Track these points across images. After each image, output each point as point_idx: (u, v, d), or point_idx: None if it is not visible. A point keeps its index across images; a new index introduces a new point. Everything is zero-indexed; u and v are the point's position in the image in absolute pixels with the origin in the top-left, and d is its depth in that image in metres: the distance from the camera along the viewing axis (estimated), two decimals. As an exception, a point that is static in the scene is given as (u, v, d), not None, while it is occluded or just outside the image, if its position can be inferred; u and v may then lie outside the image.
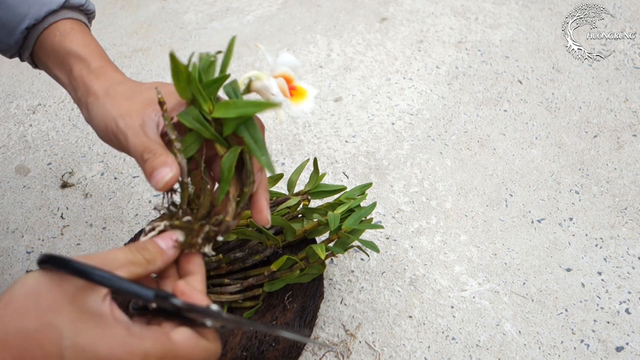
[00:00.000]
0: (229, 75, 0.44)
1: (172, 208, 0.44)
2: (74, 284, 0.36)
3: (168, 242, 0.42)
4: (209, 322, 0.40)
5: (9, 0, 0.55)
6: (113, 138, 0.49)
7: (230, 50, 0.45)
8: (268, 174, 0.64)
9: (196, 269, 0.43)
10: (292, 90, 0.47)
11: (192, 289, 0.41)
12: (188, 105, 0.45)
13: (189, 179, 0.45)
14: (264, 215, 0.47)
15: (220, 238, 0.44)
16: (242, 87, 0.46)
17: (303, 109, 0.46)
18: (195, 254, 0.44)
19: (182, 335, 0.38)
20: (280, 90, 0.45)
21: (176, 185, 0.45)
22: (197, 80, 0.43)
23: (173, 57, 0.42)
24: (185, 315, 0.39)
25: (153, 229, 0.43)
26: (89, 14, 0.61)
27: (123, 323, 0.37)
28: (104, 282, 0.37)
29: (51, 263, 0.36)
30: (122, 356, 0.36)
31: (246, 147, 0.44)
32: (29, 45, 0.57)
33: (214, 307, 0.40)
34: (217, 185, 0.47)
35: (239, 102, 0.44)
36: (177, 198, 0.45)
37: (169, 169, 0.43)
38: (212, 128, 0.44)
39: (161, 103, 0.44)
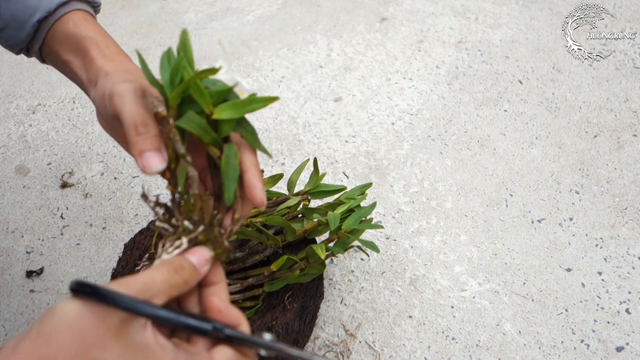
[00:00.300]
0: (236, 84, 0.45)
1: (174, 222, 0.43)
2: (117, 316, 0.35)
3: (200, 259, 0.41)
4: (262, 352, 0.39)
5: None
6: (109, 104, 0.47)
7: (186, 45, 0.45)
8: (270, 172, 0.64)
9: (219, 277, 0.42)
10: None
11: (226, 305, 0.40)
12: (164, 103, 0.44)
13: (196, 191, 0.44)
14: (257, 193, 0.44)
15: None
16: None
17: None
18: (216, 262, 0.43)
19: (225, 357, 0.38)
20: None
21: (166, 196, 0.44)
22: (203, 88, 0.43)
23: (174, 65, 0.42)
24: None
25: (177, 247, 0.41)
26: (96, 7, 0.61)
27: (169, 351, 0.37)
28: (156, 319, 0.36)
29: (89, 294, 0.34)
30: None
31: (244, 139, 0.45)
32: (39, 38, 0.57)
33: (268, 336, 0.39)
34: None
35: (243, 101, 0.44)
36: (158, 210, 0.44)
37: (162, 159, 0.43)
38: (212, 132, 0.44)
39: (164, 118, 0.43)
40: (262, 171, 0.71)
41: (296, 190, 0.71)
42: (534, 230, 0.79)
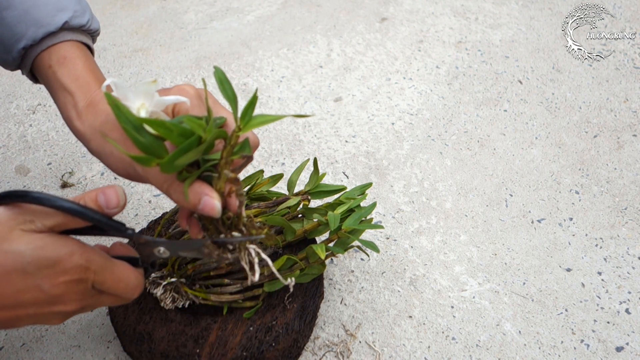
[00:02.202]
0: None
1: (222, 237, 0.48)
2: (20, 212, 0.43)
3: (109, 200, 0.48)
4: (160, 250, 0.50)
5: (8, 18, 0.54)
6: (135, 177, 0.51)
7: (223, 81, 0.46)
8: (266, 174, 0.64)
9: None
10: None
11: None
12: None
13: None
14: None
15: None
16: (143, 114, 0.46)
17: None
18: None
19: (118, 261, 0.49)
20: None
21: None
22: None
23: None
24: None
25: (257, 255, 0.48)
26: (92, 33, 0.59)
27: (71, 237, 0.46)
28: (60, 209, 0.44)
29: (7, 198, 0.43)
30: (78, 260, 0.44)
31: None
32: (26, 64, 0.56)
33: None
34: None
35: (264, 116, 0.46)
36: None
37: (214, 200, 0.45)
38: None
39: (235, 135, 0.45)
40: (262, 171, 0.71)
41: (296, 190, 0.71)
42: (534, 230, 0.79)
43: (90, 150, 0.52)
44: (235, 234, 0.47)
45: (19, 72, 1.10)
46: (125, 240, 0.60)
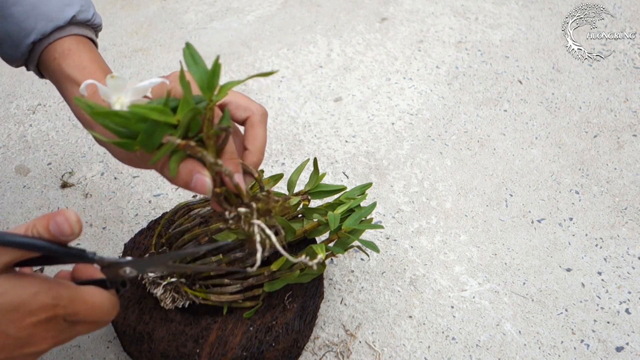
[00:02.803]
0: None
1: (227, 215, 0.48)
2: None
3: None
4: (127, 270, 0.47)
5: (16, 13, 0.55)
6: (137, 162, 0.51)
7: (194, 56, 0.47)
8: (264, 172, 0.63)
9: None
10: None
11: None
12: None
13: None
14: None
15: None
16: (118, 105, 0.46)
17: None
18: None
19: (88, 288, 0.45)
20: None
21: None
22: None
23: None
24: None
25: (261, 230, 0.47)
26: (96, 28, 0.61)
27: (33, 276, 0.43)
28: (19, 245, 0.41)
29: None
30: (44, 300, 0.42)
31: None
32: (34, 58, 0.57)
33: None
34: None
35: (232, 82, 0.46)
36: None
37: (205, 177, 0.46)
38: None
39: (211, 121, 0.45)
40: (262, 171, 0.71)
41: (296, 190, 0.71)
42: (534, 230, 0.79)
43: (95, 137, 0.52)
44: (242, 209, 0.47)
45: (19, 71, 1.10)
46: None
